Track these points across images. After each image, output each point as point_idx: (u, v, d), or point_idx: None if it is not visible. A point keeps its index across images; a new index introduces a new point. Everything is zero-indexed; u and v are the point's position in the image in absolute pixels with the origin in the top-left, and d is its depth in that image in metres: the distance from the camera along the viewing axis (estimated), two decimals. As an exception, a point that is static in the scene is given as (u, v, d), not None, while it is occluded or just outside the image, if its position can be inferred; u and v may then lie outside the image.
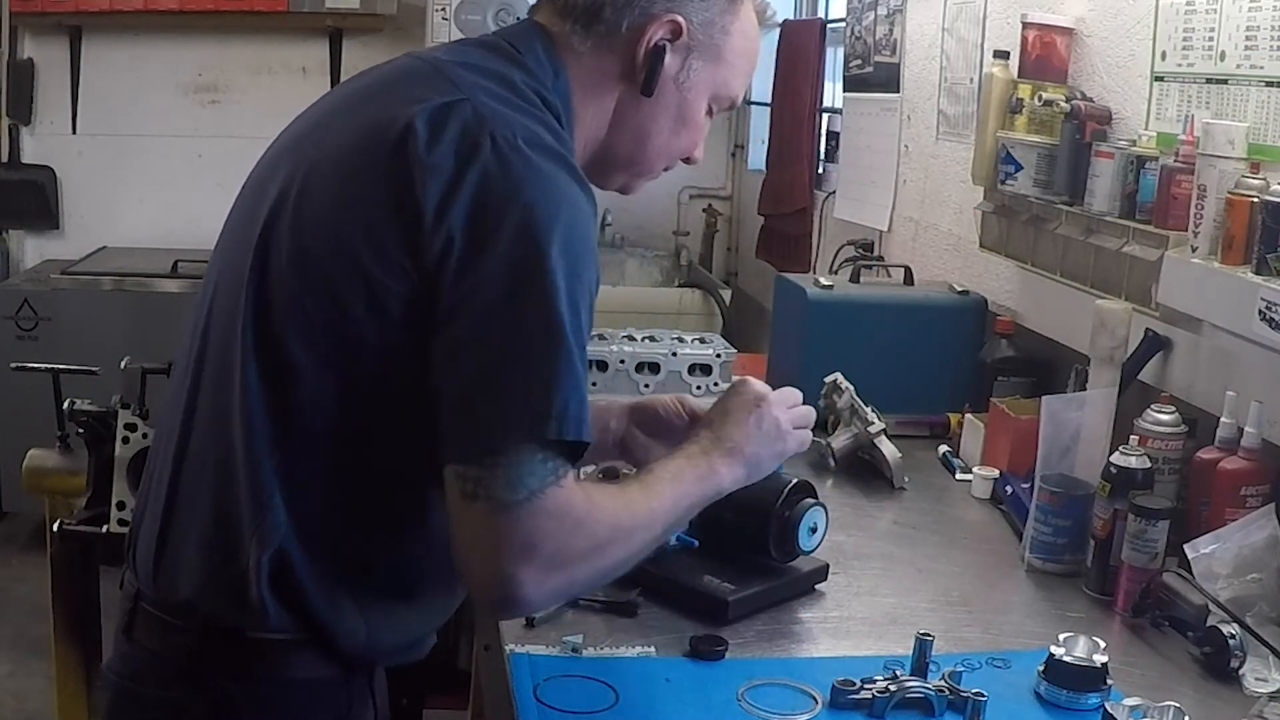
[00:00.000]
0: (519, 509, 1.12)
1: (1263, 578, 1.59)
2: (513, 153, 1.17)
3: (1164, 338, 2.02)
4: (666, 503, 1.31)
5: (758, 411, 1.44)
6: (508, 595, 1.15)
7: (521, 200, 1.15)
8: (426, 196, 1.15)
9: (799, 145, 3.91)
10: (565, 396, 1.14)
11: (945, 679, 1.39)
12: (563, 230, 1.16)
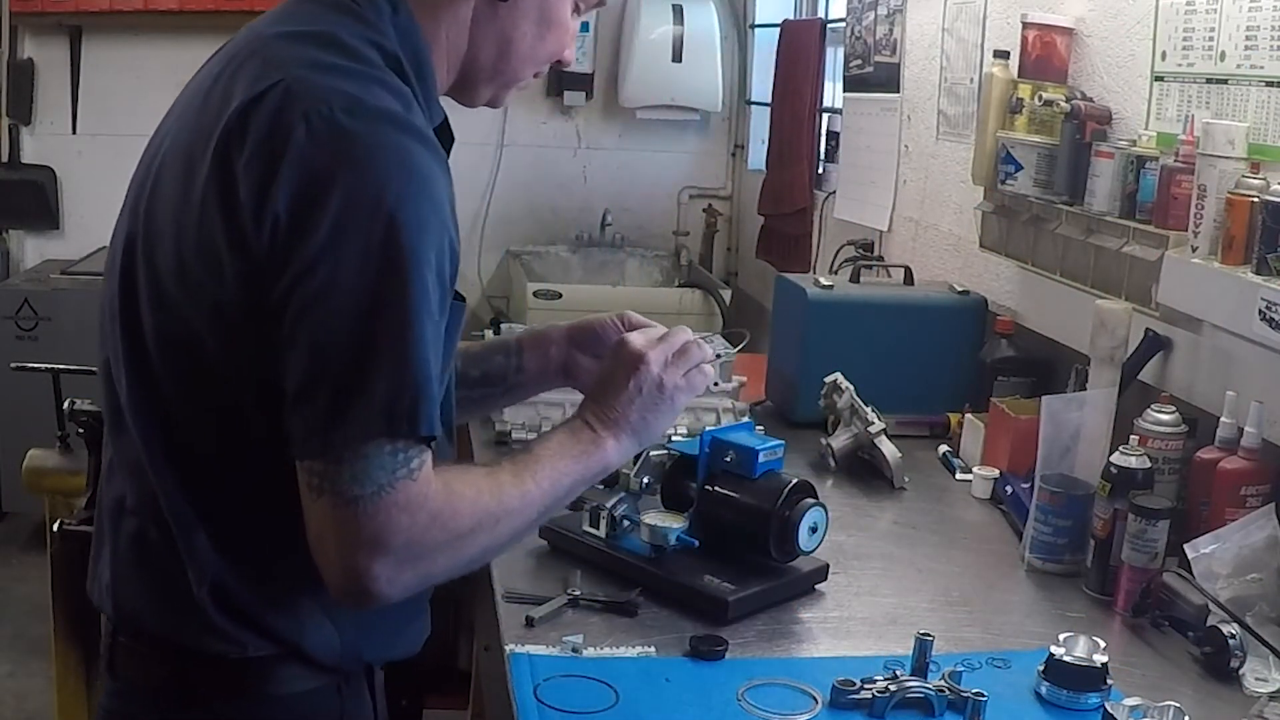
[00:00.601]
0: (366, 503, 1.08)
1: (1263, 578, 1.59)
2: (330, 127, 1.08)
3: (1164, 338, 2.02)
4: (543, 485, 1.26)
5: (637, 375, 1.37)
6: (361, 588, 1.10)
7: (344, 176, 1.07)
8: (246, 200, 1.09)
9: (799, 145, 3.91)
10: (412, 388, 1.09)
11: (945, 679, 1.39)
12: (397, 199, 1.08)
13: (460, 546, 1.17)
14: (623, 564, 1.66)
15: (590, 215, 4.87)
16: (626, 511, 1.70)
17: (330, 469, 1.08)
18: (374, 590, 1.11)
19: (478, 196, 4.81)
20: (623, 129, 4.88)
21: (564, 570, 1.67)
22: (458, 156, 1.38)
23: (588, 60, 4.74)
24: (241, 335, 1.12)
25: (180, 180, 1.16)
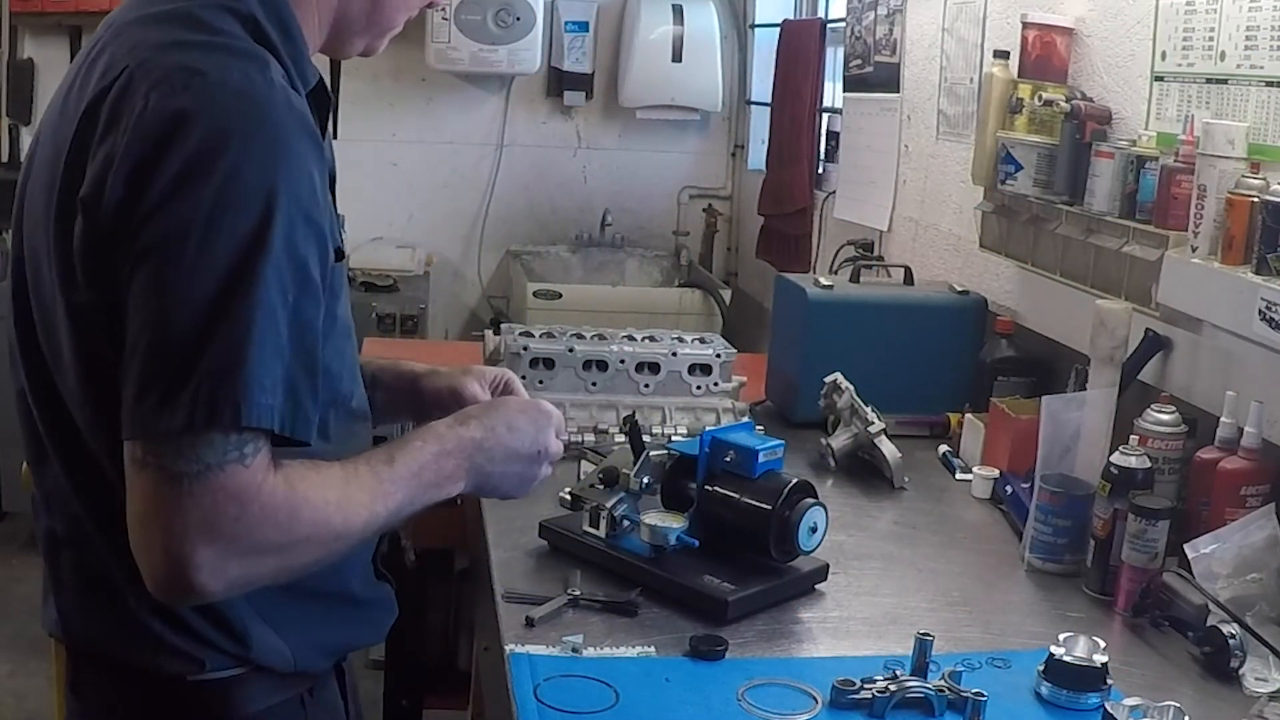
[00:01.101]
0: (192, 482, 1.01)
1: (1263, 578, 1.59)
2: (167, 102, 1.03)
3: (1164, 338, 2.02)
4: (391, 506, 1.18)
5: (541, 437, 1.35)
6: (181, 577, 1.03)
7: (178, 148, 1.02)
8: (90, 192, 1.06)
9: (799, 145, 3.90)
10: (252, 373, 1.02)
11: (945, 679, 1.39)
12: (236, 169, 1.02)
13: (293, 552, 1.10)
14: (623, 564, 1.66)
15: (590, 215, 4.87)
16: (626, 511, 1.70)
17: (154, 445, 1.02)
18: (196, 581, 1.03)
19: (478, 196, 4.81)
20: (623, 129, 4.88)
21: (564, 570, 1.67)
22: (458, 156, 1.39)
23: (588, 60, 4.73)
24: (113, 340, 1.06)
25: (44, 193, 1.13)
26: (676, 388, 2.32)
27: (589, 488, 1.75)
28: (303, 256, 1.07)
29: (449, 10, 4.29)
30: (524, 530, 1.80)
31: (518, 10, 4.34)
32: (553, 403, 2.21)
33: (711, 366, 2.32)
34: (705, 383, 2.32)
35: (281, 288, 1.05)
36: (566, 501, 1.77)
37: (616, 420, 2.23)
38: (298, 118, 1.09)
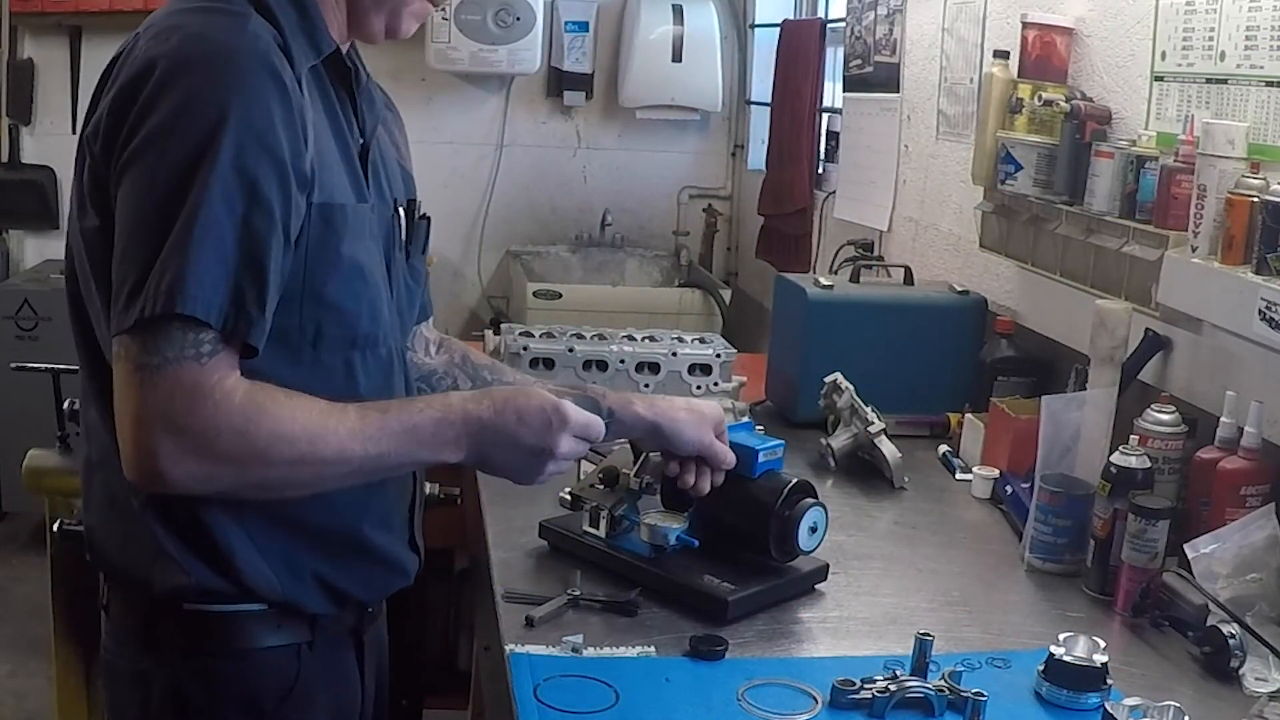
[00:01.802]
0: (152, 373, 1.15)
1: (1263, 578, 1.59)
2: (150, 49, 1.21)
3: (1164, 338, 2.02)
4: (375, 450, 1.26)
5: (549, 430, 1.35)
6: (144, 462, 1.17)
7: (151, 79, 1.19)
8: (91, 130, 1.25)
9: (799, 145, 3.90)
10: (190, 269, 1.14)
11: (945, 679, 1.39)
12: (208, 103, 1.17)
13: (253, 465, 1.20)
14: (623, 564, 1.66)
15: (590, 215, 4.87)
16: (626, 511, 1.70)
17: (124, 340, 1.17)
18: (157, 468, 1.17)
19: (478, 196, 4.81)
20: (623, 129, 4.88)
21: (564, 570, 1.67)
22: (458, 156, 1.45)
23: (588, 60, 4.73)
24: None
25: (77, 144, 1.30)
26: (676, 388, 2.32)
27: (589, 488, 1.75)
28: (253, 175, 1.18)
29: (449, 10, 4.29)
30: (524, 530, 1.80)
31: (518, 10, 4.34)
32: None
33: (711, 366, 2.33)
34: (705, 383, 2.32)
35: (228, 198, 1.17)
36: (566, 501, 1.77)
37: (616, 420, 2.23)
38: (261, 60, 1.21)
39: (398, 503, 1.48)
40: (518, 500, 1.96)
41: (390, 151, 1.52)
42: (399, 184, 1.50)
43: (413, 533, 1.52)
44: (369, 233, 1.37)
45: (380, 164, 1.44)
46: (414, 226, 1.51)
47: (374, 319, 1.37)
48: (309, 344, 1.30)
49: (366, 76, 1.45)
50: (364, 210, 1.36)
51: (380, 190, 1.43)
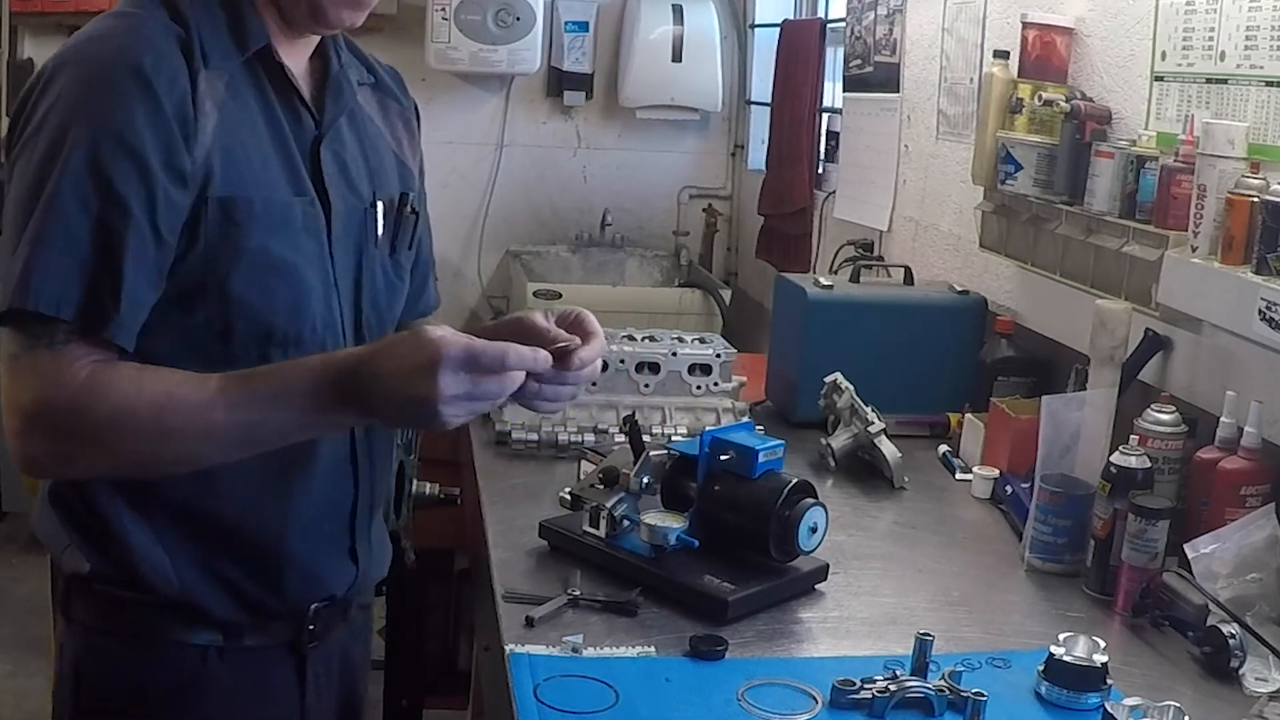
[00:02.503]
0: (13, 362, 1.21)
1: (1263, 578, 1.59)
2: (54, 54, 1.27)
3: (1164, 338, 2.02)
4: (237, 416, 1.22)
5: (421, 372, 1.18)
6: (14, 449, 1.22)
7: (41, 81, 1.25)
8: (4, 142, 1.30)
9: (799, 145, 3.90)
10: (37, 265, 1.18)
11: (945, 679, 1.39)
12: (65, 85, 1.22)
13: (101, 442, 1.22)
14: (623, 564, 1.66)
15: (590, 215, 4.86)
16: (626, 511, 1.70)
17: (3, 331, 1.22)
18: (23, 453, 1.22)
19: (478, 196, 4.80)
20: (622, 129, 4.88)
21: (564, 570, 1.67)
22: (458, 156, 1.45)
23: (587, 60, 4.73)
24: None
25: None
26: (676, 388, 2.32)
27: (589, 488, 1.75)
28: (109, 174, 1.20)
29: (449, 10, 4.29)
30: (524, 530, 1.80)
31: (518, 10, 4.34)
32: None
33: (711, 366, 2.32)
34: (705, 383, 2.32)
35: (80, 196, 1.20)
36: (566, 501, 1.77)
37: (616, 420, 2.23)
38: (129, 62, 1.22)
39: (331, 509, 1.44)
40: (518, 500, 1.97)
41: (381, 143, 1.50)
42: (386, 177, 1.48)
43: (354, 541, 1.47)
44: (300, 227, 1.35)
45: (343, 157, 1.42)
46: (401, 221, 1.49)
47: (295, 315, 1.34)
48: (216, 339, 1.29)
49: (339, 66, 1.44)
50: (295, 204, 1.34)
51: (341, 183, 1.41)
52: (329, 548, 1.44)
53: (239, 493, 1.34)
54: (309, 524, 1.40)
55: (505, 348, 1.20)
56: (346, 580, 1.47)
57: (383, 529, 1.58)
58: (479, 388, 1.20)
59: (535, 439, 2.21)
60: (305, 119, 1.38)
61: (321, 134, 1.39)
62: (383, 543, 1.58)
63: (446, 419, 1.20)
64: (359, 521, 1.48)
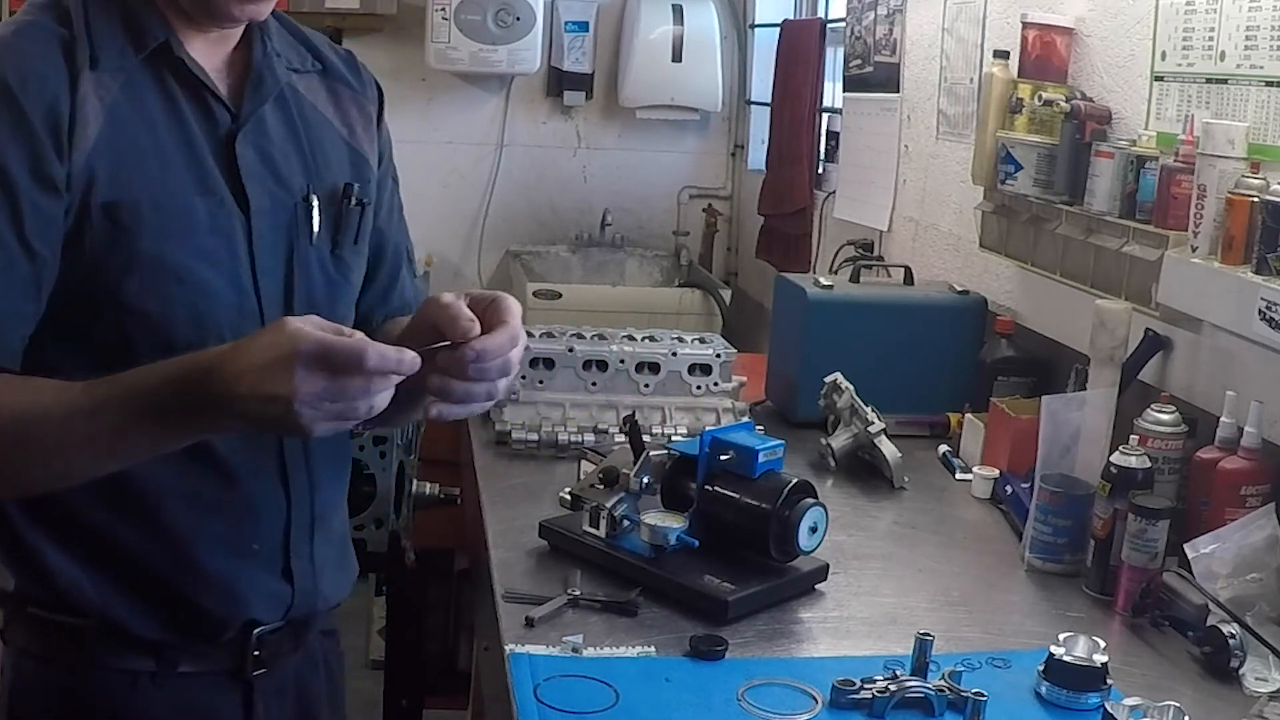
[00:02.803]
0: None
1: (1263, 578, 1.59)
2: None
3: (1164, 338, 2.02)
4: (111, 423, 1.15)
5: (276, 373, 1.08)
6: None
7: None
8: None
9: (799, 145, 3.90)
10: None
11: (945, 679, 1.39)
12: None
13: None
14: (623, 564, 1.66)
15: (590, 215, 4.86)
16: (626, 511, 1.70)
17: None
18: None
19: (478, 196, 4.80)
20: (622, 129, 4.87)
21: (564, 570, 1.67)
22: (458, 156, 1.42)
23: (587, 60, 4.73)
24: None
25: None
26: (676, 388, 2.32)
27: (589, 488, 1.75)
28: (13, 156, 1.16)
29: (449, 10, 4.29)
30: (524, 530, 1.80)
31: (518, 10, 4.34)
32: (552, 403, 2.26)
33: (711, 366, 2.32)
34: (705, 383, 2.32)
35: None
36: (566, 501, 1.77)
37: (616, 420, 2.23)
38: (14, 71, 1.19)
39: (258, 527, 1.35)
40: (518, 500, 1.97)
41: (326, 131, 1.42)
42: (330, 167, 1.40)
43: (288, 562, 1.37)
44: (205, 229, 1.27)
45: (268, 150, 1.34)
46: (344, 214, 1.40)
47: (198, 324, 1.25)
48: (118, 352, 1.20)
49: (263, 55, 1.36)
50: (197, 205, 1.27)
51: (266, 178, 1.33)
52: (256, 568, 1.35)
53: (150, 507, 1.28)
54: (229, 541, 1.32)
55: (363, 345, 1.07)
56: (279, 603, 1.37)
57: (339, 547, 1.47)
58: (340, 390, 1.07)
59: (535, 439, 2.21)
60: (219, 114, 1.31)
61: (237, 128, 1.32)
62: (339, 562, 1.47)
63: (306, 422, 1.08)
64: (295, 540, 1.38)
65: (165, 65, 1.28)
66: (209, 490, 1.30)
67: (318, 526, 1.41)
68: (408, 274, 1.56)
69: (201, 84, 1.30)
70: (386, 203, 1.52)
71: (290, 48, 1.43)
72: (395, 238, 1.54)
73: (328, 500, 1.43)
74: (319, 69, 1.46)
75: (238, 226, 1.30)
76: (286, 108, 1.39)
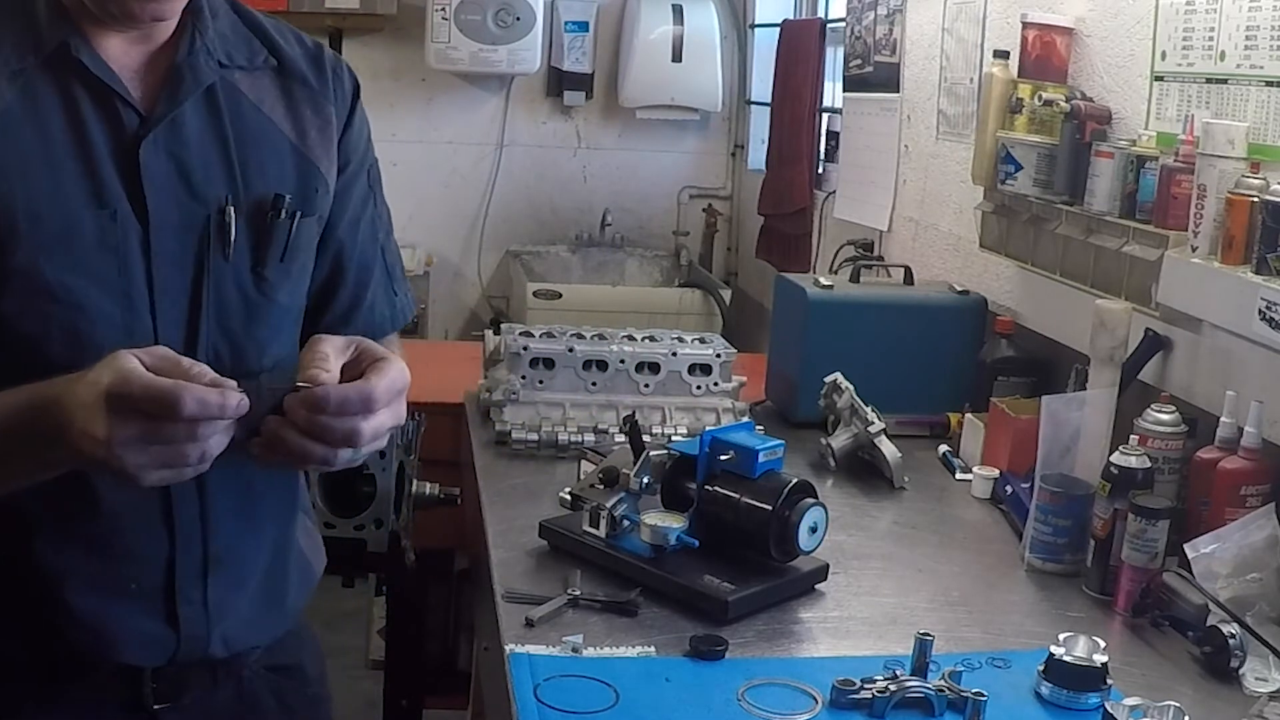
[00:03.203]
0: None
1: (1263, 577, 1.59)
2: None
3: (1164, 337, 2.02)
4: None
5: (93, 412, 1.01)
6: None
7: None
8: None
9: (799, 145, 3.90)
10: None
11: (945, 679, 1.39)
12: None
13: None
14: (623, 564, 1.66)
15: (590, 215, 4.86)
16: (626, 511, 1.70)
17: None
18: None
19: (478, 196, 4.80)
20: (622, 129, 4.88)
21: (564, 570, 1.67)
22: (458, 156, 1.38)
23: (587, 60, 4.73)
24: None
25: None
26: (676, 388, 2.32)
27: (589, 488, 1.75)
28: None
29: (449, 10, 4.29)
30: (524, 530, 1.80)
31: (518, 10, 4.34)
32: (552, 403, 2.26)
33: (711, 366, 2.32)
34: (705, 383, 2.32)
35: None
36: (566, 501, 1.77)
37: (616, 420, 2.23)
38: None
39: (136, 566, 1.24)
40: (518, 500, 1.97)
41: (267, 134, 1.29)
42: (264, 175, 1.27)
43: (173, 604, 1.25)
44: (91, 243, 1.17)
45: (181, 156, 1.22)
46: (272, 227, 1.26)
47: (75, 346, 1.15)
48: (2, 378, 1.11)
49: (189, 52, 1.24)
50: (84, 218, 1.17)
51: (175, 188, 1.21)
52: (131, 609, 1.24)
53: (16, 537, 1.19)
54: (100, 580, 1.22)
55: (177, 389, 0.99)
56: (159, 648, 1.26)
57: (257, 589, 1.34)
58: (159, 434, 1.00)
59: (535, 439, 2.21)
60: (127, 118, 1.20)
61: (145, 132, 1.20)
62: (260, 603, 1.34)
63: (130, 468, 1.00)
64: (181, 583, 1.26)
65: (67, 68, 1.18)
66: (81, 525, 1.21)
67: (214, 569, 1.28)
68: (381, 292, 1.43)
69: (106, 86, 1.19)
70: (350, 213, 1.38)
71: (241, 42, 1.31)
72: (363, 252, 1.40)
73: (231, 541, 1.29)
74: (273, 65, 1.32)
75: (134, 241, 1.19)
76: (216, 109, 1.26)
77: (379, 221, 1.45)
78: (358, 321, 1.39)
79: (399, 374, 1.13)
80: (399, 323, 1.47)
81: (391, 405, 1.11)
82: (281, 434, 1.06)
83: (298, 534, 1.42)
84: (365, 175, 1.42)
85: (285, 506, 1.39)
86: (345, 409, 1.07)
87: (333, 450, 1.08)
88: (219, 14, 1.30)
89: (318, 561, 1.47)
